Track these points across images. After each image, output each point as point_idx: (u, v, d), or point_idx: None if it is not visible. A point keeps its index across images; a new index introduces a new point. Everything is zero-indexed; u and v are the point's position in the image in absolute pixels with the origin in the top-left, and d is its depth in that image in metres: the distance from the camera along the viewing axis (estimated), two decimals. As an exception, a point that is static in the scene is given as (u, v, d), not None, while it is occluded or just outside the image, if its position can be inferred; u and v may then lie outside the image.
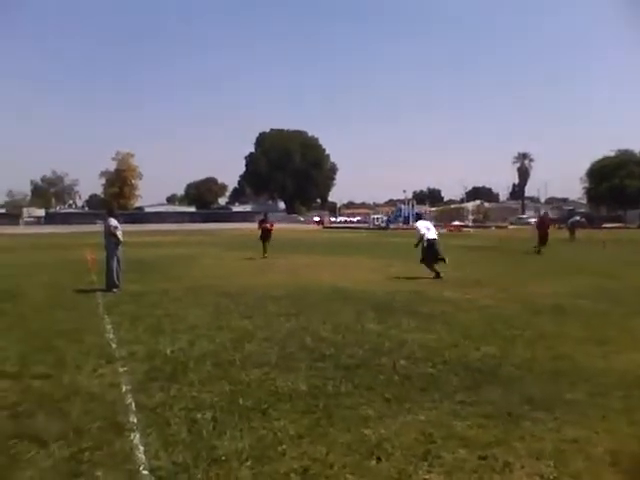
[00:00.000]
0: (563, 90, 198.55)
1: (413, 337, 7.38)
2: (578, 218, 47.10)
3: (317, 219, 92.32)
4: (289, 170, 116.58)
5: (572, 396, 5.05)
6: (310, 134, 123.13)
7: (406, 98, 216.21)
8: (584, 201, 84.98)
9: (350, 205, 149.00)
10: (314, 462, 3.78)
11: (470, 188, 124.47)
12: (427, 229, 14.71)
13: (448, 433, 4.21)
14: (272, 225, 22.55)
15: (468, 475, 3.57)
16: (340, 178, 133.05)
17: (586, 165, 76.74)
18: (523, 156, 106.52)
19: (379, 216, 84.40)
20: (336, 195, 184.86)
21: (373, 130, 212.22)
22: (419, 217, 18.91)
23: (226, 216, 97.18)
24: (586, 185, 76.74)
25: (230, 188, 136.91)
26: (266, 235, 21.75)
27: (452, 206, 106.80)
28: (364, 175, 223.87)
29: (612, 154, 73.43)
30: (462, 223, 71.67)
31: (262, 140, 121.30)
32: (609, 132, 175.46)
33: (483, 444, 4.00)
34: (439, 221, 75.04)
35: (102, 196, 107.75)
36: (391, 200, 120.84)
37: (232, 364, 6.14)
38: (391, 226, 68.24)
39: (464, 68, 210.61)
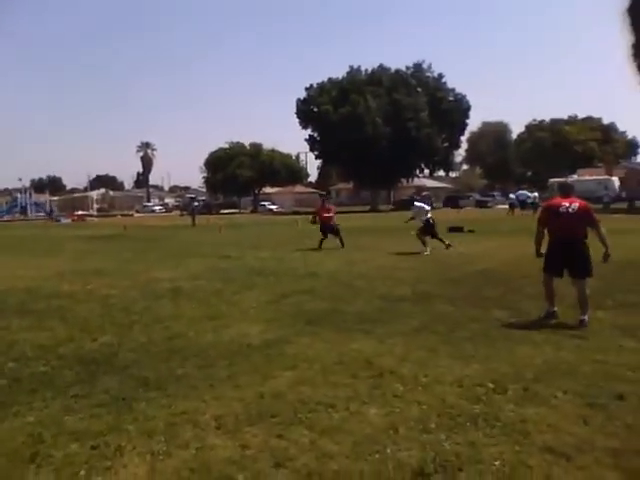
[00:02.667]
0: (187, 81, 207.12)
1: (24, 337, 6.84)
2: (196, 204, 49.89)
3: None
4: None
5: (183, 371, 5.37)
6: None
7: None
8: (204, 189, 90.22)
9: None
10: None
11: (94, 176, 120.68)
12: None
13: (59, 430, 4.04)
14: None
15: (79, 467, 3.49)
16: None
17: (204, 155, 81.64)
18: (146, 145, 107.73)
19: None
20: None
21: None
22: None
23: None
24: (205, 174, 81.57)
25: None
26: None
27: (75, 195, 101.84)
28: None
29: (226, 146, 79.56)
30: (86, 212, 69.00)
31: None
32: (225, 125, 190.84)
33: (95, 434, 3.96)
34: (62, 210, 70.97)
35: None
36: (7, 189, 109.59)
37: None
38: (5, 217, 61.68)
39: (79, 52, 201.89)
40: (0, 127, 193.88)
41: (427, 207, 16.30)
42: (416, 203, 17.06)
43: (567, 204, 7.14)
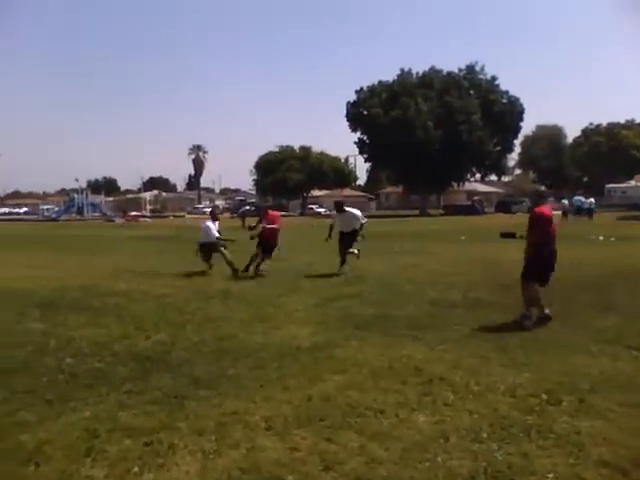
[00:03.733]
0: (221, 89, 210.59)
1: (81, 333, 7.06)
2: (248, 207, 50.37)
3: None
4: None
5: (234, 371, 5.45)
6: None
7: (85, 83, 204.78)
8: (254, 192, 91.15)
9: (16, 195, 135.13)
10: (-42, 483, 3.38)
11: (147, 178, 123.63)
12: None
13: (113, 425, 4.16)
14: None
15: (132, 463, 3.58)
16: (4, 165, 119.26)
17: (254, 158, 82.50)
18: (197, 148, 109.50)
19: (50, 207, 78.23)
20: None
21: (41, 112, 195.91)
22: None
23: None
24: (255, 177, 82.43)
25: None
26: None
27: (129, 196, 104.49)
28: (32, 161, 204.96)
29: (276, 149, 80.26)
30: (140, 213, 70.62)
31: None
32: (275, 128, 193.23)
33: (148, 430, 4.06)
34: (117, 211, 72.88)
35: None
36: (64, 189, 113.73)
37: None
38: (62, 217, 63.74)
39: (130, 58, 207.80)
40: (58, 129, 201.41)
41: (360, 216, 12.89)
42: (347, 209, 12.98)
43: (550, 212, 7.48)
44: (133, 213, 66.97)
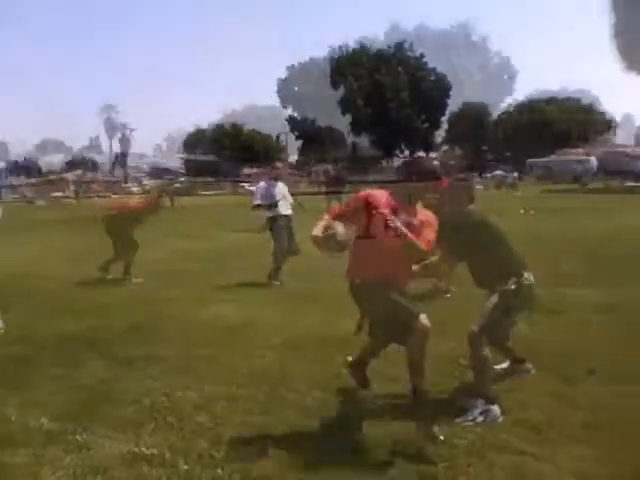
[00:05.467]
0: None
1: (6, 319, 6.78)
2: (178, 185, 49.38)
3: None
4: None
5: (166, 352, 5.43)
6: None
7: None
8: (184, 171, 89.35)
9: None
10: None
11: (70, 158, 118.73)
12: None
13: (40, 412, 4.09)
14: None
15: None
16: None
17: (183, 137, 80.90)
18: (123, 126, 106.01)
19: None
20: None
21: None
22: None
23: None
24: (184, 156, 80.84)
25: None
26: None
27: (52, 177, 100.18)
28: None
29: (205, 126, 78.96)
30: (63, 194, 67.80)
31: None
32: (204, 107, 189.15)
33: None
34: (39, 194, 69.51)
35: None
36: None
37: None
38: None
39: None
40: None
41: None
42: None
43: None
44: (56, 194, 64.11)
